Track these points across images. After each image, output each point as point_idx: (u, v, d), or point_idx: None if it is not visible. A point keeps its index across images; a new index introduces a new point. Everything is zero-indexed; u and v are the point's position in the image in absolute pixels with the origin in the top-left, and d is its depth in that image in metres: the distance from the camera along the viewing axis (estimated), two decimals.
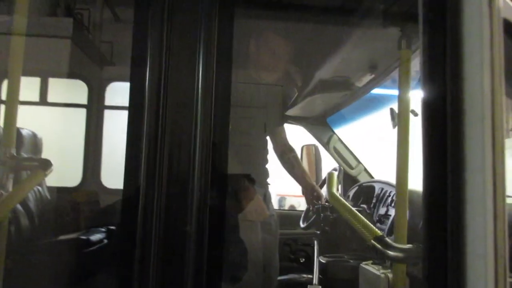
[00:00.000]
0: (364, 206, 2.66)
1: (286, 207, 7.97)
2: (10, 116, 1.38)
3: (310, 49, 2.43)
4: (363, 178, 3.38)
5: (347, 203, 1.44)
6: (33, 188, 1.36)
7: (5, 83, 3.61)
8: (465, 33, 0.94)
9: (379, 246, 1.05)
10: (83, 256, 2.54)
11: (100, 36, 2.82)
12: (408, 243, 1.29)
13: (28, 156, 1.43)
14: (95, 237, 2.70)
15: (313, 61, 2.35)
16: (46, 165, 1.33)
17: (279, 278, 2.64)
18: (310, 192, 2.45)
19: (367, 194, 2.81)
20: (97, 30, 2.74)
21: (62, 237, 2.70)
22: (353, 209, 1.38)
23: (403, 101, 1.41)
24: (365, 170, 3.45)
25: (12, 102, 1.38)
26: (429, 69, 1.00)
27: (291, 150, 2.50)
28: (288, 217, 3.46)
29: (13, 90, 1.38)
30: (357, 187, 3.16)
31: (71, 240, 2.63)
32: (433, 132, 0.97)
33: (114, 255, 2.99)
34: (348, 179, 3.43)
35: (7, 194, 1.21)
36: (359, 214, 1.24)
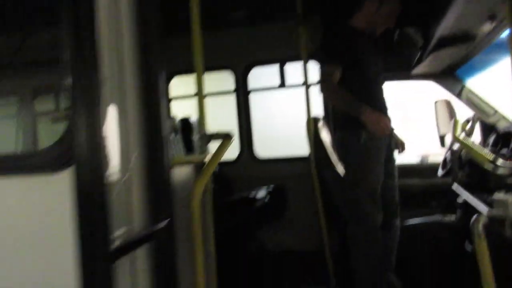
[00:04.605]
0: (504, 152, 2.74)
1: None
2: (201, 104, 1.95)
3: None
4: (503, 126, 3.38)
5: (467, 141, 1.67)
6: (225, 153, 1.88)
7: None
8: None
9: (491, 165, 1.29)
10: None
11: None
12: None
13: (216, 131, 1.98)
14: (260, 194, 3.36)
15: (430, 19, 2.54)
16: (230, 135, 1.88)
17: (423, 220, 2.95)
18: None
19: (507, 140, 2.87)
20: None
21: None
22: (474, 143, 1.61)
23: None
24: (504, 117, 3.43)
25: (201, 93, 1.94)
26: None
27: None
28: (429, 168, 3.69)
29: (200, 84, 1.93)
30: (495, 134, 3.20)
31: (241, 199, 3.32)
32: None
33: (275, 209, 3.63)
34: (486, 128, 3.45)
35: (210, 159, 1.77)
36: (477, 146, 1.47)
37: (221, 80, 4.50)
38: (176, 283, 1.39)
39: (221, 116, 4.47)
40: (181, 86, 4.74)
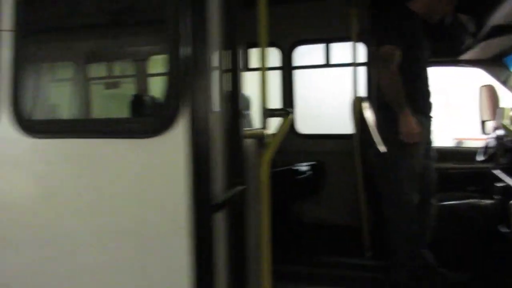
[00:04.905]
0: None
1: None
2: (263, 79, 2.03)
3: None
4: None
5: None
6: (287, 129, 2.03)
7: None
8: None
9: None
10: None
11: None
12: None
13: (276, 108, 2.13)
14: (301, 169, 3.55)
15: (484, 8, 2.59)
16: (289, 112, 2.04)
17: (460, 202, 3.07)
18: None
19: None
20: None
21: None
22: None
23: None
24: None
25: (264, 68, 1.99)
26: None
27: None
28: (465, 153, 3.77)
29: (263, 58, 2.02)
30: None
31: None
32: None
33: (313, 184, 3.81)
34: None
35: (276, 133, 1.94)
36: None
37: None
38: (246, 240, 1.60)
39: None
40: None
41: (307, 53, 4.64)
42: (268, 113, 2.10)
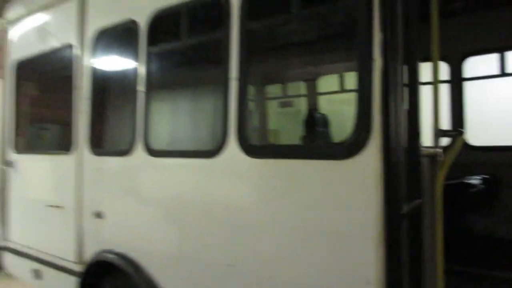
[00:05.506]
0: None
1: None
2: (437, 96, 2.14)
3: None
4: None
5: None
6: (460, 148, 2.09)
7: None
8: None
9: None
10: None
11: None
12: None
13: (449, 129, 2.24)
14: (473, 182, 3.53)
15: None
16: (462, 133, 2.18)
17: None
18: None
19: None
20: None
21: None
22: None
23: None
24: None
25: (437, 85, 2.13)
26: None
27: None
28: None
29: (437, 74, 2.12)
30: None
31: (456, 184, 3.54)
32: None
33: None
34: None
35: (448, 155, 2.08)
36: None
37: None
38: (422, 247, 1.84)
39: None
40: None
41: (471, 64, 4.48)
42: (441, 133, 2.27)
